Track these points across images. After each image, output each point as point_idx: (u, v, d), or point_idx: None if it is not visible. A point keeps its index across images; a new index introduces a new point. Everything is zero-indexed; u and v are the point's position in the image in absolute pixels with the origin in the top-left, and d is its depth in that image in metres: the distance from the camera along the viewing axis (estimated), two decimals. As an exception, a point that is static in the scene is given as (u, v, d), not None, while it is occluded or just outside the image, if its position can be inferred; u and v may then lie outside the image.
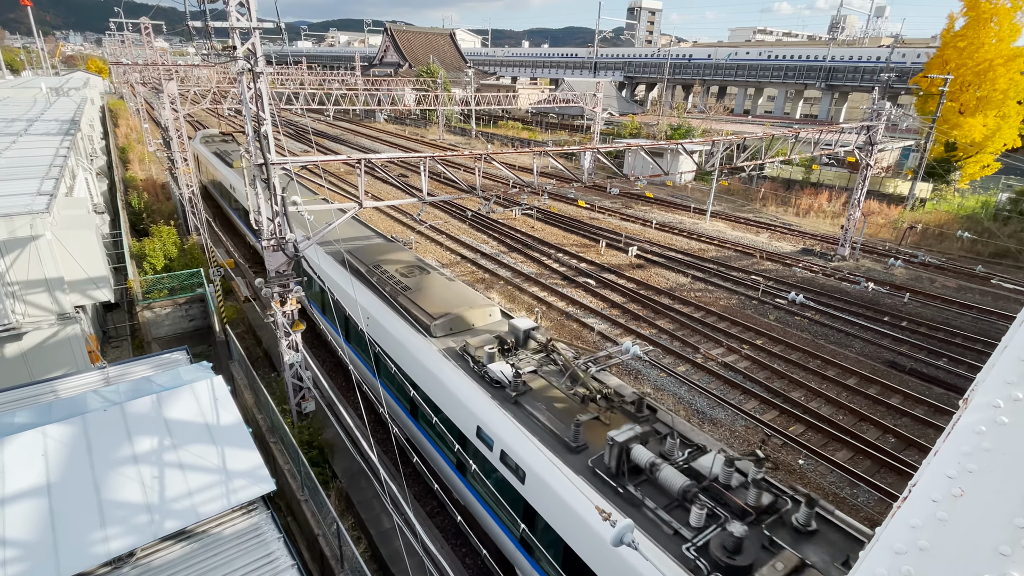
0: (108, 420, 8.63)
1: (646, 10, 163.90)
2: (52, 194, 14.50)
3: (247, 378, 15.78)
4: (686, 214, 37.92)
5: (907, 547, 2.02)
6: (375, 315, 13.88)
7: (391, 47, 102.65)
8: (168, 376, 10.09)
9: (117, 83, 73.34)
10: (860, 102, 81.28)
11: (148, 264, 21.88)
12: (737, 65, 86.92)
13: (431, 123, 78.53)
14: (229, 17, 10.23)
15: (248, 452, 8.83)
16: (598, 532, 7.44)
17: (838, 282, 26.16)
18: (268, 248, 12.22)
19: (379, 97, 55.93)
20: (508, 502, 9.36)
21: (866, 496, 13.36)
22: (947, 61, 36.07)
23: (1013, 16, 33.62)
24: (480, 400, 10.16)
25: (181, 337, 19.89)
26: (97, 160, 35.22)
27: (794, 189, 42.22)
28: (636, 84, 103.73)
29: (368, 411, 14.78)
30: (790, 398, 16.97)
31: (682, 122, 59.30)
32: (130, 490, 7.83)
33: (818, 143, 25.48)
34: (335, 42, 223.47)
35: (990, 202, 35.59)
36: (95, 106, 54.79)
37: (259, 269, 25.47)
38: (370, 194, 39.46)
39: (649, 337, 20.42)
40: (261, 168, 11.43)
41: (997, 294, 24.71)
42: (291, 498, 12.19)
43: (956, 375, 18.43)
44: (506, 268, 27.03)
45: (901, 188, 39.22)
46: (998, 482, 2.11)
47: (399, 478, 12.49)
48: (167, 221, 27.08)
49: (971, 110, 36.09)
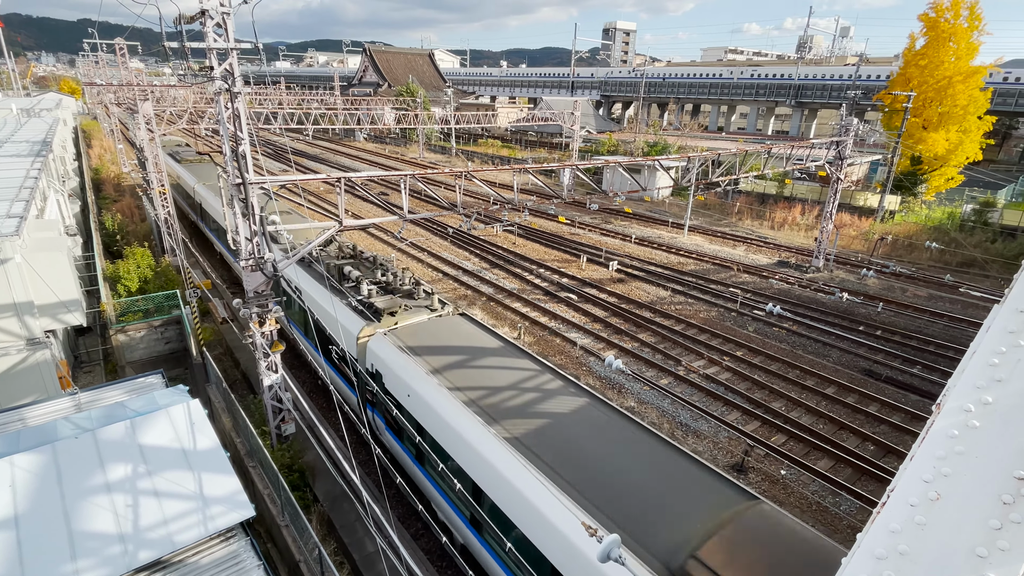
0: (79, 448, 8.37)
1: (621, 31, 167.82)
2: (22, 216, 14.17)
3: (225, 401, 15.43)
4: (664, 228, 38.45)
5: (888, 552, 2.05)
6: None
7: (370, 67, 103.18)
8: (142, 401, 9.84)
9: (91, 104, 72.32)
10: (829, 118, 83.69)
11: (122, 286, 21.41)
12: (710, 83, 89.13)
13: (411, 142, 78.79)
14: (206, 38, 10.20)
15: (226, 477, 8.61)
16: (583, 550, 7.38)
17: (814, 293, 26.68)
18: (246, 268, 12.07)
19: (359, 116, 56.03)
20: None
21: (848, 504, 13.50)
22: (909, 78, 37.49)
23: (970, 36, 35.17)
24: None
25: (156, 360, 19.42)
26: (70, 181, 34.56)
27: (768, 203, 43.16)
28: (613, 102, 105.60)
29: (350, 431, 14.54)
30: (771, 408, 17.16)
31: (658, 139, 60.44)
32: (102, 520, 7.57)
33: (790, 158, 26.16)
34: (314, 62, 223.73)
35: (955, 214, 36.79)
36: (68, 127, 53.88)
37: (237, 289, 25.09)
38: (351, 213, 39.34)
39: (631, 350, 20.53)
40: (239, 188, 11.33)
41: (966, 302, 25.43)
42: (271, 524, 11.88)
43: (930, 382, 18.84)
44: (488, 284, 27.04)
45: (871, 201, 40.36)
46: (972, 484, 2.16)
47: (382, 500, 12.26)
48: (142, 242, 26.60)
49: (934, 125, 37.46)
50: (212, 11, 10.11)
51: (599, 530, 6.12)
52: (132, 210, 34.00)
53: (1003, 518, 2.00)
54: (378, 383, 12.48)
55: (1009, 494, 2.06)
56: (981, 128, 37.25)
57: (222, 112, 10.77)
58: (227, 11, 10.27)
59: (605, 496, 8.09)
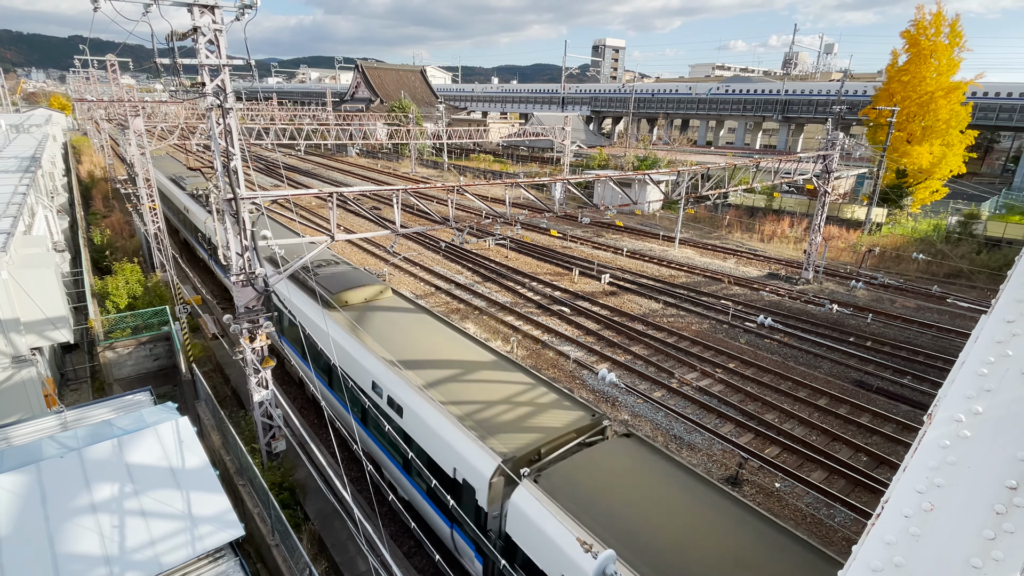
0: (65, 467, 8.21)
1: (610, 48, 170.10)
2: (9, 232, 14.04)
3: (214, 418, 15.23)
4: (655, 241, 38.69)
5: (883, 564, 2.05)
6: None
7: (362, 83, 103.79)
8: (130, 419, 9.69)
9: (81, 120, 72.06)
10: (815, 132, 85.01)
11: (111, 303, 21.18)
12: (699, 99, 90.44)
13: (403, 157, 79.08)
14: (199, 54, 10.24)
15: (215, 496, 8.47)
16: (578, 564, 7.29)
17: (804, 305, 26.87)
18: (237, 284, 11.99)
19: (351, 132, 56.23)
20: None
21: (843, 516, 13.47)
22: (893, 93, 38.24)
23: (951, 52, 36.00)
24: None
25: (145, 377, 19.17)
26: (58, 197, 34.33)
27: (757, 216, 43.60)
28: (603, 118, 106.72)
29: (341, 448, 14.38)
30: (764, 420, 17.17)
31: (648, 154, 61.07)
32: (88, 541, 7.41)
33: (778, 172, 26.49)
34: (306, 78, 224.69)
35: (941, 225, 37.35)
36: (57, 142, 53.69)
37: (227, 305, 24.89)
38: (342, 227, 39.31)
39: (625, 363, 20.52)
40: (231, 203, 11.31)
41: (954, 312, 25.70)
42: (261, 543, 11.67)
43: (921, 392, 18.96)
44: (481, 298, 27.01)
45: (858, 213, 40.88)
46: (965, 495, 2.17)
47: (375, 518, 12.10)
48: (131, 258, 26.38)
49: (917, 139, 38.15)
50: (204, 28, 10.16)
51: (594, 545, 6.08)
52: (122, 226, 33.77)
53: (996, 528, 2.01)
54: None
55: (1002, 504, 2.07)
56: (964, 142, 37.98)
57: (214, 128, 10.78)
58: (219, 28, 10.32)
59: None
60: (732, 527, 7.69)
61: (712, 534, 7.57)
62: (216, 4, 10.10)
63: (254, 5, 10.14)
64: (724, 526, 7.72)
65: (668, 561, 7.03)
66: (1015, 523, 2.00)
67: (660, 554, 7.13)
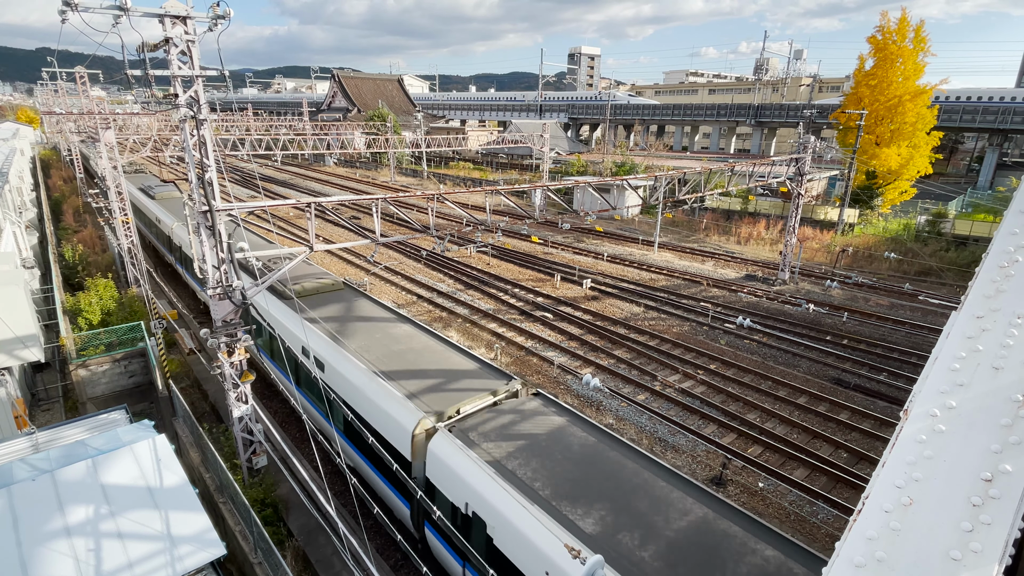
0: (37, 490, 7.95)
1: (586, 55, 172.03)
2: (-25, 250, 13.61)
3: (193, 435, 14.90)
4: (635, 246, 39.04)
5: (866, 559, 2.08)
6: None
7: (339, 93, 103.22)
8: (105, 438, 9.43)
9: (50, 133, 70.36)
10: (787, 136, 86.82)
11: (83, 319, 20.64)
12: (673, 105, 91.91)
13: (382, 166, 78.74)
14: (171, 65, 10.09)
15: (195, 515, 8.28)
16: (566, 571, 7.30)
17: (781, 305, 27.32)
18: (214, 297, 11.79)
19: (328, 141, 55.83)
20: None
21: (825, 513, 13.66)
22: (861, 98, 39.26)
23: (916, 56, 37.13)
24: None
25: (120, 395, 18.68)
26: (27, 212, 33.43)
27: (734, 219, 44.29)
28: (580, 125, 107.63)
29: (324, 462, 14.17)
30: (746, 420, 17.37)
31: (626, 159, 61.67)
32: (62, 566, 7.17)
33: (752, 175, 26.97)
34: (281, 88, 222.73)
35: (911, 225, 38.36)
36: (25, 156, 52.34)
37: (204, 319, 24.43)
38: (321, 237, 38.92)
39: (608, 367, 20.61)
40: (206, 215, 11.13)
41: (925, 309, 26.36)
42: (244, 562, 11.42)
43: (897, 388, 19.38)
44: (463, 305, 26.94)
45: (831, 214, 41.80)
46: (942, 488, 2.22)
47: (360, 531, 11.93)
48: (105, 273, 25.76)
49: (886, 141, 39.21)
50: (176, 39, 10.02)
51: (582, 551, 6.07)
52: (94, 240, 32.99)
53: (974, 520, 2.06)
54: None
55: (978, 496, 2.12)
56: (930, 143, 39.13)
57: (187, 139, 10.62)
58: (191, 39, 10.19)
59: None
60: (603, 454, 9.70)
61: (592, 461, 9.53)
62: (188, 15, 9.97)
63: (227, 16, 10.04)
64: (597, 450, 9.79)
65: (556, 474, 9.15)
66: (991, 515, 2.04)
67: (552, 476, 9.10)
